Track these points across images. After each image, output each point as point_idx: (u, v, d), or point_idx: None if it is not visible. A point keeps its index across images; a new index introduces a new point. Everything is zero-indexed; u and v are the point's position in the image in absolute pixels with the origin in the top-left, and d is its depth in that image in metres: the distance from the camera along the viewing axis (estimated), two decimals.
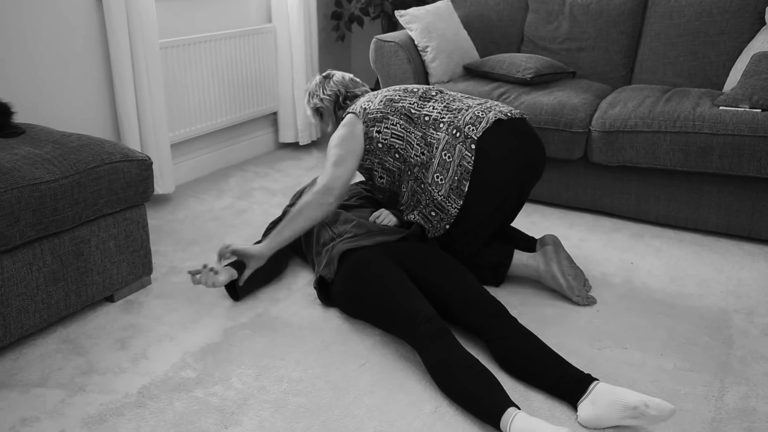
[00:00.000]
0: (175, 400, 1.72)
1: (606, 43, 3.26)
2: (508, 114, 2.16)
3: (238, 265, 2.13)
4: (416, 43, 3.24)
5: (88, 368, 1.85)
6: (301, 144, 3.88)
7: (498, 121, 2.12)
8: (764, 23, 2.95)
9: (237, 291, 2.17)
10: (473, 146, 2.06)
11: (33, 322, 1.94)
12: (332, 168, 2.15)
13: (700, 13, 3.07)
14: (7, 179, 1.81)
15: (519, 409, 1.55)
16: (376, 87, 4.10)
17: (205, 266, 2.04)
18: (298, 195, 2.71)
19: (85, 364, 1.87)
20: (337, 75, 2.48)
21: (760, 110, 2.50)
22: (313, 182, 2.70)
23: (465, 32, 3.42)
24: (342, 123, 2.24)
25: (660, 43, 3.15)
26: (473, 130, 2.08)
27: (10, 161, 1.89)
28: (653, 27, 3.18)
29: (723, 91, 2.89)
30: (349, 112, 2.27)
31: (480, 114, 2.12)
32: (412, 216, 2.20)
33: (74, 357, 1.91)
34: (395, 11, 3.39)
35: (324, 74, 2.50)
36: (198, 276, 2.04)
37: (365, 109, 2.23)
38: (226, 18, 3.45)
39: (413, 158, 2.15)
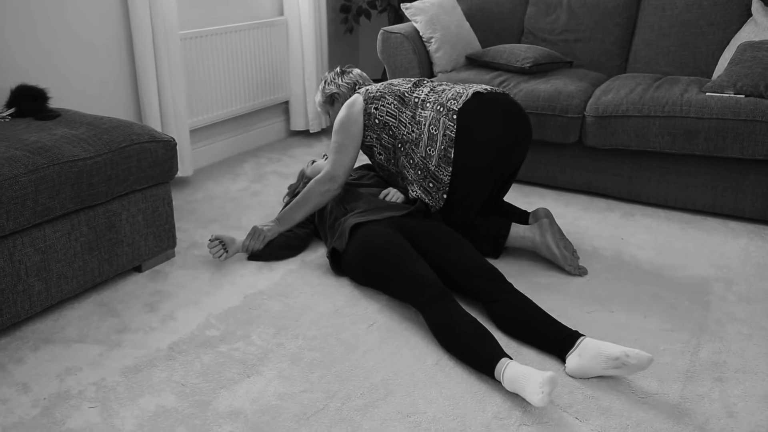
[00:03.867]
0: (201, 354, 1.90)
1: (602, 34, 3.42)
2: (488, 89, 2.37)
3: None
4: (421, 34, 3.41)
5: (122, 327, 2.04)
6: (311, 132, 4.06)
7: (477, 94, 2.33)
8: (751, 15, 3.11)
9: (260, 255, 2.48)
10: (455, 117, 2.27)
11: (71, 286, 2.13)
12: (334, 155, 2.45)
13: (691, 5, 3.23)
14: (49, 155, 2.00)
15: (511, 359, 1.73)
16: (383, 77, 4.28)
17: (219, 241, 2.39)
18: (301, 176, 2.92)
19: (119, 324, 2.06)
20: (356, 70, 2.81)
21: (743, 96, 2.66)
22: (311, 163, 2.90)
23: (467, 24, 3.59)
24: (345, 103, 2.51)
25: (653, 34, 3.31)
26: (454, 103, 2.30)
27: (50, 140, 2.08)
28: (647, 19, 3.34)
29: (711, 79, 3.05)
30: (354, 92, 2.56)
31: (461, 91, 2.36)
32: (414, 192, 2.39)
33: (109, 318, 2.10)
34: (401, 4, 3.56)
35: (343, 68, 2.80)
36: (214, 249, 2.38)
37: (368, 89, 2.51)
38: (241, 11, 3.63)
39: (405, 136, 2.38)
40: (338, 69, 2.79)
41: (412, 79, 2.53)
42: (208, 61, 3.40)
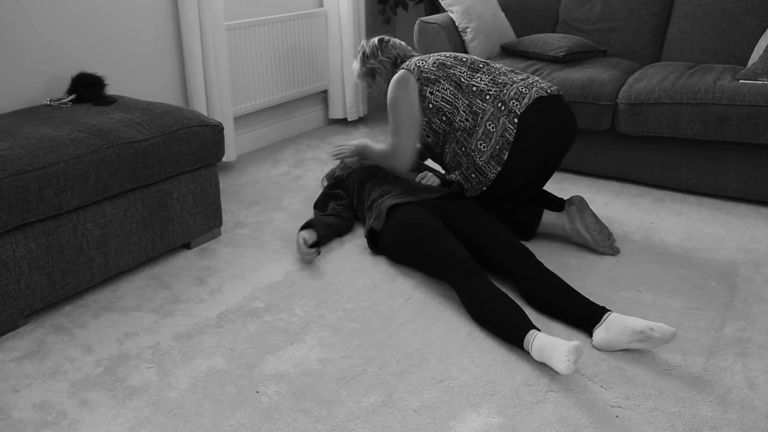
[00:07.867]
0: (248, 323, 2.04)
1: (636, 23, 3.46)
2: (548, 91, 2.37)
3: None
4: (457, 24, 3.50)
5: (174, 299, 2.19)
6: (349, 120, 4.18)
7: (539, 98, 2.35)
8: None
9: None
10: (516, 120, 2.30)
11: (126, 260, 2.28)
12: (395, 138, 2.47)
13: None
14: (108, 137, 2.15)
15: (539, 331, 1.82)
16: None
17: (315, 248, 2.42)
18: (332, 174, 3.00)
19: (171, 295, 2.21)
20: (394, 40, 2.67)
21: None
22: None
23: (503, 14, 3.66)
24: (394, 80, 2.46)
25: (688, 23, 3.34)
26: (517, 105, 2.31)
27: (109, 123, 2.23)
28: (682, 7, 3.37)
29: (746, 67, 3.08)
30: (402, 68, 2.48)
31: (523, 90, 2.34)
32: (454, 176, 2.47)
33: (161, 290, 2.25)
34: None
35: (380, 38, 2.65)
36: (309, 257, 2.38)
37: (419, 67, 2.45)
38: (283, 3, 3.76)
39: (458, 123, 2.38)
40: (376, 41, 2.63)
41: (465, 59, 2.46)
42: (251, 51, 3.54)
